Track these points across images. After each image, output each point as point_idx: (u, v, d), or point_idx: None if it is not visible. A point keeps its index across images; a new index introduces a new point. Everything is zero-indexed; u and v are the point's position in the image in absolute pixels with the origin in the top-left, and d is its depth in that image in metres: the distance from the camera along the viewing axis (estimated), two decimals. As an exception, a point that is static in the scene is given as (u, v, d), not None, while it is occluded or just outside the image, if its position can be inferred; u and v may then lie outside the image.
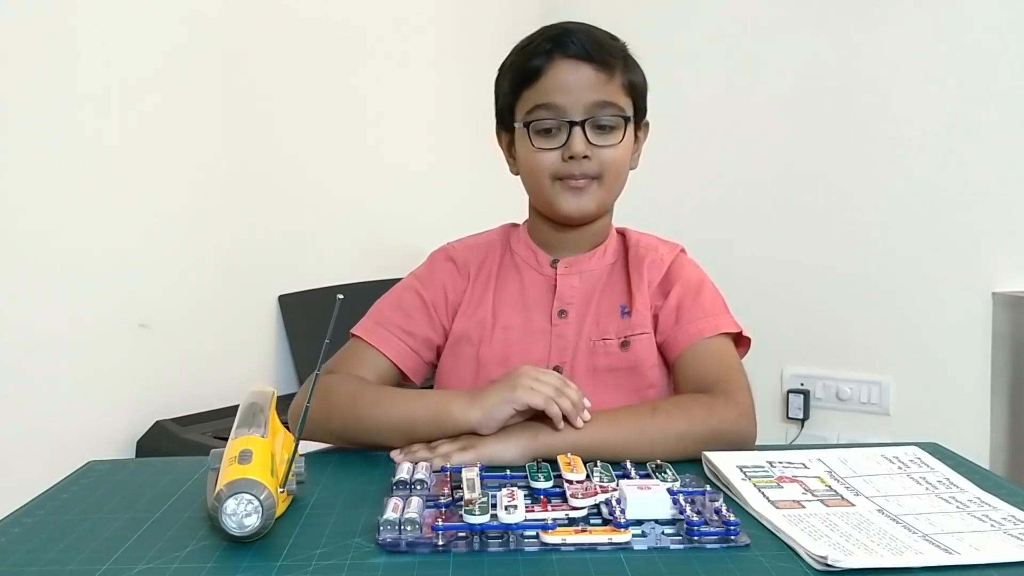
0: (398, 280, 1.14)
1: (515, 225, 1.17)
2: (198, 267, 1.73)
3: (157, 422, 1.60)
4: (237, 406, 0.81)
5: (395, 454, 0.91)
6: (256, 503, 0.67)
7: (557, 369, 1.06)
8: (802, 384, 2.55)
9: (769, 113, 2.55)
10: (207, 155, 1.75)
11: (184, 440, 1.54)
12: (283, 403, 1.86)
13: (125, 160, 1.58)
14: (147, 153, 1.63)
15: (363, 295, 1.12)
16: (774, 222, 2.56)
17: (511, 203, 1.18)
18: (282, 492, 0.72)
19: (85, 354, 1.51)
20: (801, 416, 2.53)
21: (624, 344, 1.06)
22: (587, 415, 0.90)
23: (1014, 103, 2.25)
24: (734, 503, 0.77)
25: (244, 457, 0.70)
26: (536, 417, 0.91)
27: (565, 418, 0.89)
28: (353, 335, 1.08)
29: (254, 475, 0.68)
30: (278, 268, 1.92)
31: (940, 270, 2.34)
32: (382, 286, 1.14)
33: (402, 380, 1.08)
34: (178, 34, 1.69)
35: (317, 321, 1.86)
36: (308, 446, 1.06)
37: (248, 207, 1.84)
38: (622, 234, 1.15)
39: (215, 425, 1.60)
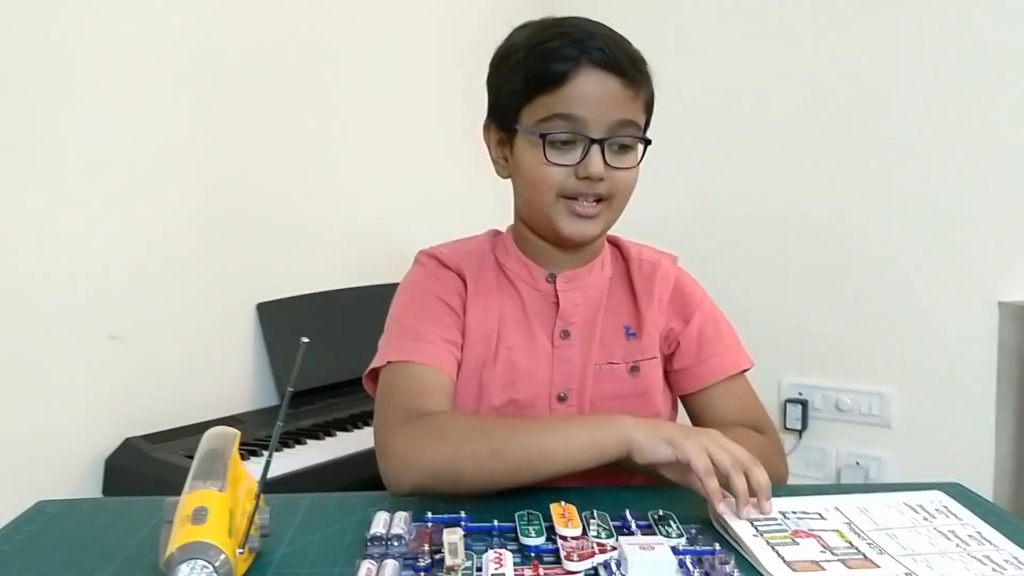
0: (379, 287, 1.05)
1: (498, 232, 1.08)
2: (172, 273, 1.64)
3: (127, 439, 1.51)
4: (211, 422, 0.73)
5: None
6: (210, 569, 0.61)
7: (562, 397, 0.98)
8: (800, 394, 2.47)
9: (768, 119, 2.48)
10: (182, 158, 1.66)
11: (155, 459, 1.45)
12: (257, 418, 1.77)
13: (97, 164, 1.50)
14: (120, 157, 1.54)
15: (343, 302, 1.04)
16: (772, 226, 2.49)
17: (500, 208, 1.10)
18: (241, 553, 0.65)
19: (50, 366, 1.43)
20: (799, 427, 2.45)
21: (633, 369, 1.00)
22: (769, 506, 0.77)
23: (1021, 109, 2.18)
24: (747, 564, 0.69)
25: (198, 516, 0.63)
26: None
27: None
28: (395, 361, 0.94)
29: (208, 538, 0.62)
30: (256, 275, 1.82)
31: (945, 278, 2.27)
32: (363, 293, 1.06)
33: None
34: (155, 39, 1.60)
35: (297, 330, 1.76)
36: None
37: (225, 211, 1.75)
38: (615, 244, 1.08)
39: (187, 443, 1.50)
